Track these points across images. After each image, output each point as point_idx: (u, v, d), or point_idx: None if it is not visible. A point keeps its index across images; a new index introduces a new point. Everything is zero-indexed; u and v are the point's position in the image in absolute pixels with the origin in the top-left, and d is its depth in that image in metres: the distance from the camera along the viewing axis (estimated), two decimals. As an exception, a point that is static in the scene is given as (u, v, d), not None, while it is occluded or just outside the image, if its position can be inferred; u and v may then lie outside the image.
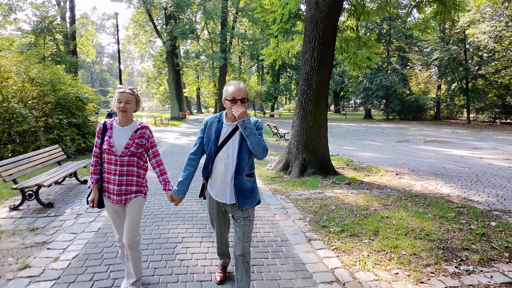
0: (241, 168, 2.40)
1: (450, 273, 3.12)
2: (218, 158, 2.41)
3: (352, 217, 4.58)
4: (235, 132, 2.40)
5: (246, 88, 2.40)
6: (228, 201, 2.44)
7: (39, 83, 9.64)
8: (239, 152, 2.37)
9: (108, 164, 2.56)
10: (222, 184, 2.43)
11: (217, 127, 2.43)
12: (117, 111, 2.53)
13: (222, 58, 30.51)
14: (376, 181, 6.91)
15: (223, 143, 2.40)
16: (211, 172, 2.48)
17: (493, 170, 8.19)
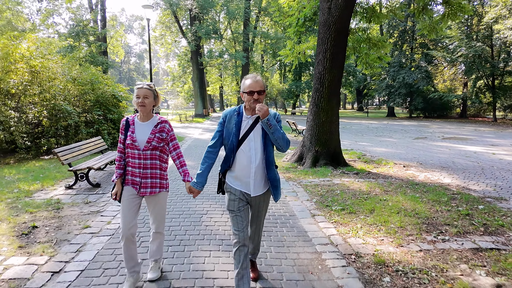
0: (270, 161, 2.48)
1: (428, 241, 3.75)
2: (240, 151, 2.43)
3: (354, 199, 5.25)
4: (256, 125, 2.43)
5: (263, 81, 2.42)
6: (253, 193, 2.48)
7: (80, 83, 10.83)
8: (265, 146, 2.44)
9: (132, 158, 2.68)
10: (245, 177, 2.46)
11: (237, 120, 2.44)
12: (137, 106, 2.63)
13: (244, 57, 31.36)
14: (383, 172, 7.49)
15: (244, 136, 2.42)
16: (232, 165, 2.50)
17: (501, 164, 8.52)
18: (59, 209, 4.77)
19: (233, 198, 2.50)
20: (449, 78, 37.65)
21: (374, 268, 3.15)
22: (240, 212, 2.50)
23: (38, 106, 9.57)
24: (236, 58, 32.56)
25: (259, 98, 2.35)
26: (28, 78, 9.50)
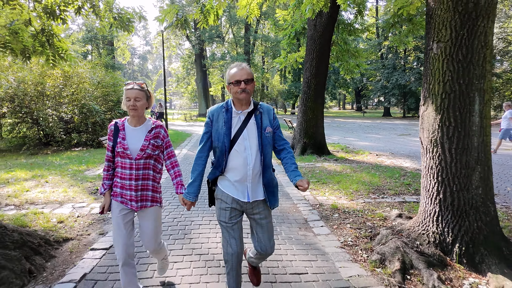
0: (267, 164, 2.20)
1: (371, 197, 5.43)
2: (234, 152, 2.14)
3: (327, 175, 6.94)
4: (249, 120, 2.16)
5: (249, 68, 2.15)
6: (251, 199, 2.16)
7: (104, 86, 12.55)
8: (262, 147, 2.16)
9: (122, 169, 2.32)
10: (242, 182, 2.15)
11: (227, 118, 2.15)
12: (127, 109, 2.30)
13: (245, 59, 33.07)
14: (358, 159, 9.17)
15: (237, 135, 2.14)
16: (224, 170, 2.18)
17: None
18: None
19: (224, 207, 2.18)
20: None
21: (329, 210, 4.84)
22: (233, 225, 2.19)
23: (70, 106, 11.29)
24: (238, 61, 34.21)
25: (246, 87, 2.06)
26: (62, 81, 11.23)
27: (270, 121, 2.22)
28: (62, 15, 4.21)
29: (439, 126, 3.17)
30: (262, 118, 2.19)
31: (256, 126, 2.17)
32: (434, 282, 2.75)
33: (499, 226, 3.21)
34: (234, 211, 2.18)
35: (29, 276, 2.93)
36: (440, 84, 3.14)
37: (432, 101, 3.24)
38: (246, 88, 2.07)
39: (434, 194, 3.26)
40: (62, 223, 4.15)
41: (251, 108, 2.18)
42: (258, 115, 2.19)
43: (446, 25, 3.06)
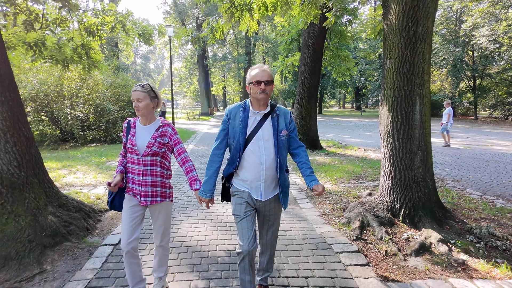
0: (282, 165, 2.25)
1: (351, 182, 6.48)
2: (248, 151, 2.19)
3: (317, 166, 7.98)
4: (264, 121, 2.20)
5: (270, 70, 2.19)
6: (263, 198, 2.24)
7: (115, 86, 13.61)
8: (279, 148, 2.20)
9: (131, 164, 2.46)
10: (255, 180, 2.21)
11: (243, 117, 2.20)
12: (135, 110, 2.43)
13: (246, 60, 34.11)
14: (347, 153, 10.22)
15: (252, 134, 2.19)
16: (238, 167, 2.26)
17: (438, 149, 11.22)
18: (128, 170, 7.54)
19: (240, 202, 2.26)
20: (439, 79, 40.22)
21: (315, 192, 5.89)
22: (247, 217, 2.23)
23: (86, 105, 12.35)
24: (239, 62, 35.31)
25: (266, 88, 2.11)
26: (79, 83, 12.29)
27: (286, 124, 2.26)
28: (99, 33, 5.26)
29: (390, 121, 4.22)
30: (279, 120, 2.23)
31: (272, 128, 2.21)
32: (382, 234, 3.81)
33: (436, 196, 4.27)
34: (249, 206, 2.25)
35: (86, 231, 3.99)
36: (391, 90, 4.18)
37: (386, 103, 4.29)
38: (266, 90, 2.12)
39: (388, 173, 4.32)
40: (100, 199, 5.21)
41: (268, 110, 2.23)
42: (275, 117, 2.23)
43: (395, 46, 4.11)
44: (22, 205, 3.49)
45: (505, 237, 3.80)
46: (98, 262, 3.25)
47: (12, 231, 3.28)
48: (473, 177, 7.14)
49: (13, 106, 3.66)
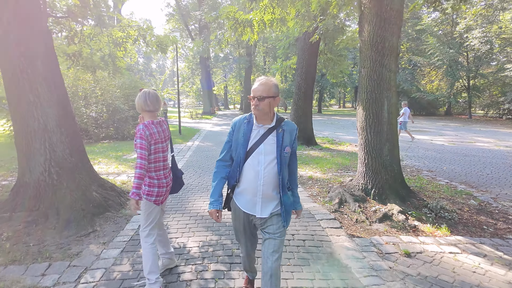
0: (284, 183, 2.18)
1: (338, 172, 7.48)
2: (247, 165, 2.14)
3: (310, 159, 8.98)
4: (268, 136, 2.12)
5: (272, 84, 2.08)
6: (259, 215, 2.17)
7: (125, 88, 14.62)
8: (280, 166, 2.12)
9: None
10: (253, 196, 2.15)
11: (246, 130, 2.14)
12: None
13: (247, 60, 35.08)
14: (339, 148, 11.22)
15: (253, 148, 2.12)
16: (239, 181, 2.20)
17: (424, 145, 12.20)
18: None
19: (237, 218, 2.30)
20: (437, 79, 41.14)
21: (306, 179, 6.88)
22: (245, 234, 2.32)
23: (99, 105, 13.36)
24: (240, 62, 36.29)
25: (259, 104, 2.04)
26: (92, 84, 13.31)
27: (290, 141, 2.17)
28: (124, 44, 6.27)
29: (364, 119, 5.21)
30: (284, 136, 2.13)
31: (276, 144, 2.11)
32: (355, 208, 4.81)
33: (401, 179, 5.26)
34: (247, 223, 2.26)
35: (120, 206, 5.00)
36: (365, 93, 5.18)
37: (361, 104, 5.29)
38: (259, 105, 2.04)
39: (362, 160, 5.32)
40: (125, 184, 6.22)
41: (272, 124, 2.14)
42: (280, 132, 2.12)
43: (368, 58, 5.10)
44: (74, 183, 4.50)
45: (453, 210, 4.79)
46: (135, 225, 4.26)
47: (69, 202, 4.30)
48: (447, 168, 8.13)
49: (64, 106, 4.68)
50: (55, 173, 4.40)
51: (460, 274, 3.16)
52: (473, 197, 5.64)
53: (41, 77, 4.38)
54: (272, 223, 2.18)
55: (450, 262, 3.41)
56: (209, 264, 3.30)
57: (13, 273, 3.13)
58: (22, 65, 4.26)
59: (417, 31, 33.38)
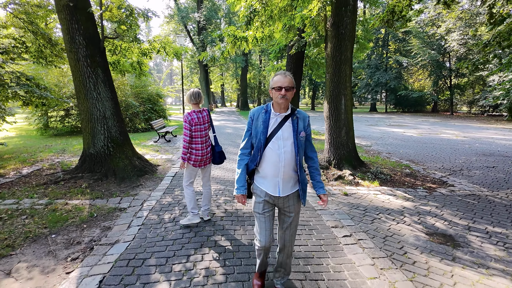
0: (301, 164, 2.43)
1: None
2: (268, 149, 2.38)
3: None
4: (285, 122, 2.37)
5: (292, 77, 2.36)
6: (281, 194, 2.40)
7: (136, 86, 16.53)
8: (298, 148, 2.37)
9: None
10: (274, 177, 2.38)
11: (265, 118, 2.40)
12: None
13: (243, 60, 37.01)
14: (319, 138, 13.24)
15: (272, 134, 2.36)
16: (259, 164, 2.45)
17: (395, 136, 14.26)
18: (158, 147, 10.52)
19: (259, 200, 2.47)
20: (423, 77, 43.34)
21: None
22: (265, 214, 2.47)
23: (114, 101, 15.24)
24: (236, 61, 38.23)
25: (286, 94, 2.28)
26: (108, 83, 15.19)
27: (304, 127, 2.41)
28: (149, 54, 8.22)
29: (328, 110, 7.22)
30: (298, 122, 2.38)
31: (292, 129, 2.36)
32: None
33: (355, 153, 7.28)
34: (267, 204, 2.45)
35: (154, 172, 6.97)
36: (328, 91, 7.19)
37: (326, 99, 7.30)
38: (286, 95, 2.28)
39: (327, 140, 7.33)
40: (151, 160, 8.19)
41: (288, 112, 2.38)
42: (295, 119, 2.38)
43: (330, 66, 7.11)
44: (123, 154, 6.48)
45: (388, 174, 6.83)
46: (168, 180, 6.25)
47: (121, 166, 6.28)
48: (403, 152, 10.18)
49: (115, 101, 6.64)
50: (111, 147, 6.37)
51: (374, 203, 5.20)
52: (409, 167, 7.68)
53: (101, 80, 6.34)
54: (291, 203, 2.46)
55: (371, 198, 5.44)
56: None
57: (100, 202, 5.12)
58: (88, 72, 6.21)
59: (404, 32, 35.52)
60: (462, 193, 5.79)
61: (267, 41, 8.57)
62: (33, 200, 5.14)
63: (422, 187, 6.10)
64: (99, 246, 3.68)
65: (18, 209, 4.73)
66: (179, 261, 3.32)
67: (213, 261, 3.32)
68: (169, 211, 4.73)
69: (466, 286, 2.91)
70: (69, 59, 6.24)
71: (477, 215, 4.70)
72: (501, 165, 8.22)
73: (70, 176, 6.15)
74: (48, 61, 8.43)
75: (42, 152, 9.47)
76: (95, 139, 6.35)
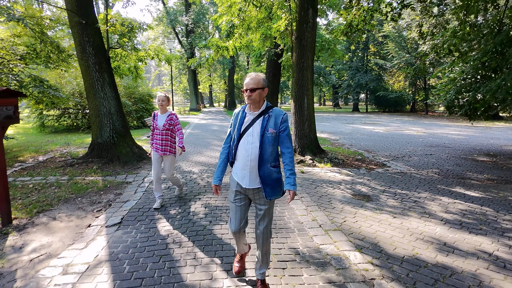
0: (264, 159, 2.54)
1: (288, 145, 11.10)
2: (241, 144, 2.61)
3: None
4: (256, 120, 2.56)
5: (260, 78, 2.53)
6: (247, 186, 2.60)
7: (129, 87, 17.87)
8: (261, 143, 2.51)
9: (156, 135, 4.80)
10: (243, 169, 2.61)
11: (242, 116, 2.64)
12: (158, 106, 4.80)
13: (230, 62, 38.50)
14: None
15: (245, 130, 2.59)
16: (234, 157, 2.69)
17: (364, 132, 16.01)
18: (152, 141, 11.95)
19: (232, 189, 2.72)
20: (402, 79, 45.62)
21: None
22: (236, 203, 2.70)
23: (109, 101, 16.54)
24: (224, 63, 39.69)
25: (251, 95, 2.48)
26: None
27: (276, 124, 2.54)
28: (143, 60, 9.67)
29: (294, 106, 8.82)
30: (269, 120, 2.54)
31: (260, 126, 2.53)
32: (286, 158, 8.43)
33: (316, 143, 8.89)
34: (238, 194, 2.69)
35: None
36: (294, 92, 8.78)
37: (292, 98, 8.89)
38: (251, 95, 2.49)
39: (294, 132, 8.92)
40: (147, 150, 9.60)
41: (260, 111, 2.58)
42: (266, 117, 2.55)
43: (295, 71, 8.70)
44: (125, 143, 7.93)
45: (342, 159, 8.46)
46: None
47: (124, 153, 7.73)
48: (363, 144, 11.87)
49: (118, 100, 8.08)
50: (115, 137, 7.82)
51: (322, 177, 6.79)
52: (361, 155, 9.34)
53: (107, 82, 7.77)
54: (262, 196, 2.61)
55: (321, 174, 7.05)
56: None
57: (110, 178, 6.57)
58: (97, 76, 7.65)
59: (382, 36, 37.61)
60: (394, 171, 7.46)
61: (245, 49, 10.13)
62: (57, 177, 6.56)
63: (364, 168, 7.75)
64: (115, 203, 5.16)
65: (47, 183, 6.16)
66: (174, 208, 4.85)
67: (201, 208, 4.86)
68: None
69: (360, 218, 4.52)
70: (81, 65, 7.66)
71: (394, 184, 6.35)
72: (438, 153, 9.98)
73: (82, 160, 7.57)
74: (55, 65, 9.77)
75: (47, 145, 10.78)
76: (102, 131, 7.78)
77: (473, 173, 7.35)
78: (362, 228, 4.17)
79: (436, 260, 3.36)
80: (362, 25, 10.01)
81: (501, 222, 4.40)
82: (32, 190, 5.74)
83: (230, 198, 2.75)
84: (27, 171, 7.04)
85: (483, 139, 13.52)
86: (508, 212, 4.78)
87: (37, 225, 4.36)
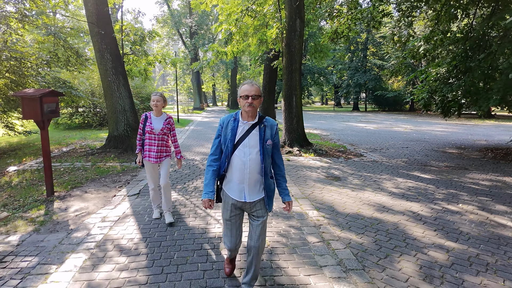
0: (267, 171, 2.51)
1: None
2: (235, 156, 2.48)
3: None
4: (252, 130, 2.46)
5: (259, 86, 2.46)
6: (248, 199, 2.50)
7: (137, 86, 19.20)
8: (263, 156, 2.46)
9: (149, 140, 4.15)
10: (240, 183, 2.49)
11: (233, 126, 2.48)
12: (152, 106, 4.09)
13: (232, 62, 39.76)
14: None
15: (239, 141, 2.46)
16: (227, 170, 2.55)
17: (356, 129, 17.19)
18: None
19: (226, 207, 2.59)
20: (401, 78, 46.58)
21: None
22: (231, 220, 2.59)
23: (118, 100, 17.86)
24: (226, 63, 40.94)
25: (253, 102, 2.37)
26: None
27: (271, 135, 2.49)
28: (153, 63, 10.96)
29: (284, 104, 10.06)
30: (265, 131, 2.46)
31: (258, 137, 2.44)
32: (277, 149, 9.68)
33: (304, 136, 10.12)
34: (234, 210, 2.57)
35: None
36: (284, 91, 10.02)
37: (283, 97, 10.14)
38: (253, 103, 2.36)
39: (284, 127, 10.16)
40: (154, 144, 10.88)
41: (255, 121, 2.47)
42: (262, 127, 2.46)
43: (285, 74, 9.93)
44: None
45: (326, 150, 9.68)
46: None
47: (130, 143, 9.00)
48: (350, 139, 13.07)
49: (131, 99, 9.36)
50: (129, 131, 9.11)
51: (304, 164, 8.02)
52: (344, 147, 10.55)
53: (122, 84, 9.06)
54: (259, 208, 2.55)
55: (304, 162, 8.28)
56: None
57: (126, 164, 7.84)
58: (113, 78, 8.93)
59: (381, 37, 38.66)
60: (368, 160, 8.68)
61: (241, 54, 11.35)
62: (82, 163, 7.86)
63: (344, 158, 8.97)
64: (132, 181, 6.44)
65: (74, 167, 7.46)
66: (180, 184, 6.13)
67: (201, 184, 6.13)
68: (172, 167, 7.50)
69: (326, 191, 5.75)
70: (99, 69, 8.95)
71: (364, 169, 7.57)
72: (414, 146, 11.17)
73: (101, 150, 8.87)
74: (74, 67, 11.08)
75: (66, 139, 12.10)
76: (117, 125, 9.07)
77: (436, 162, 8.54)
78: (324, 197, 5.41)
79: (371, 215, 4.59)
80: (346, 32, 11.22)
81: (436, 195, 5.61)
82: (64, 173, 7.04)
83: (226, 216, 2.62)
84: (55, 158, 8.35)
85: (463, 135, 14.67)
86: (446, 188, 6.00)
87: (73, 196, 5.63)
